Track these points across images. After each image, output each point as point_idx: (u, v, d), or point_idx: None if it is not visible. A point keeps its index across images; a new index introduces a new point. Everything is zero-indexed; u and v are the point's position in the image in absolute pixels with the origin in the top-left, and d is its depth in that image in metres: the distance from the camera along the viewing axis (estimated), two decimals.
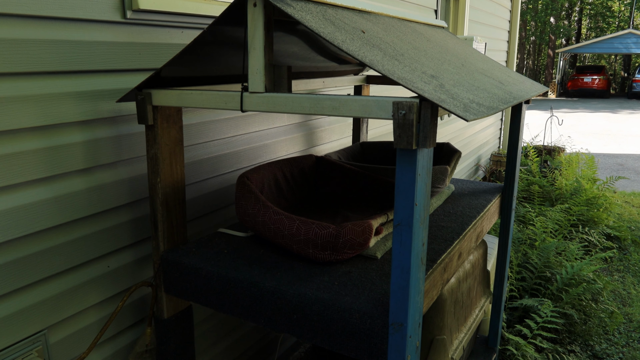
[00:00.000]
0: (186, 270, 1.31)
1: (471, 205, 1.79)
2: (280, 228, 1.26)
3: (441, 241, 1.44)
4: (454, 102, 0.96)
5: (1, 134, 1.12)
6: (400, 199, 0.94)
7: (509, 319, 2.72)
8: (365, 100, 0.95)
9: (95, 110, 1.30)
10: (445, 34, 1.98)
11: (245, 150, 1.86)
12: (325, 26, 1.04)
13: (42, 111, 1.19)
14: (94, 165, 1.33)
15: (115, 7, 1.30)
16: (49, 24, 1.17)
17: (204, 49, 1.25)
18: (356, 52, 0.96)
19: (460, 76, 1.30)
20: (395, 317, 1.01)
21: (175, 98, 1.22)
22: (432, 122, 0.90)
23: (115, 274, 1.42)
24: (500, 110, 1.12)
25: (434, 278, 1.28)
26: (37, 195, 1.21)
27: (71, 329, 1.32)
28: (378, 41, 1.18)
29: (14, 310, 1.19)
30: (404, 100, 0.90)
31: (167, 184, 1.34)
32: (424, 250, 1.02)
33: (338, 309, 1.08)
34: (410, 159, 0.92)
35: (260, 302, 1.19)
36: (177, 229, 1.40)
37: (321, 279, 1.19)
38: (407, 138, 0.89)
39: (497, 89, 1.39)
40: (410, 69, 1.07)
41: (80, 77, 1.26)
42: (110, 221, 1.39)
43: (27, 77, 1.15)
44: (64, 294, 1.29)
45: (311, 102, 1.01)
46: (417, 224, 0.96)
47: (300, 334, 1.15)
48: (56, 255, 1.26)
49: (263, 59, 1.06)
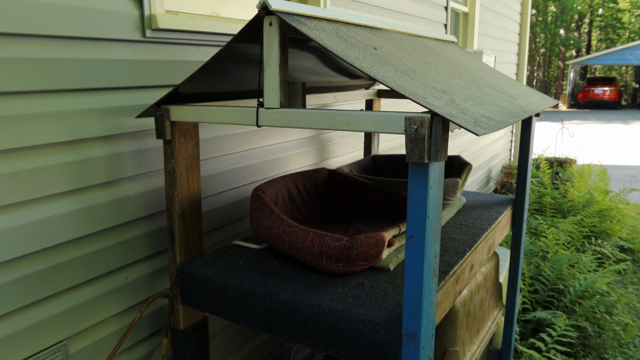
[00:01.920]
0: (202, 282, 1.33)
1: (482, 217, 1.80)
2: (295, 240, 1.28)
3: (453, 253, 1.46)
4: (465, 116, 0.99)
5: (29, 149, 1.17)
6: (413, 211, 0.97)
7: (522, 332, 2.71)
8: (378, 116, 0.98)
9: (116, 126, 1.35)
10: (455, 49, 2.01)
11: (259, 164, 1.90)
12: (339, 44, 1.07)
13: (66, 127, 1.23)
14: (115, 178, 1.37)
15: (135, 26, 1.35)
16: (73, 43, 1.22)
17: (220, 66, 1.29)
18: (369, 69, 1.00)
19: (470, 91, 1.33)
20: (408, 327, 1.02)
21: (193, 114, 1.26)
22: (443, 137, 0.93)
23: (134, 285, 1.45)
24: (511, 124, 1.14)
25: (446, 290, 1.29)
26: (61, 208, 1.25)
27: (91, 339, 1.35)
28: (389, 57, 1.21)
29: (37, 321, 1.22)
30: (416, 115, 0.92)
31: (184, 197, 1.37)
32: (436, 262, 1.04)
33: (352, 319, 1.10)
34: (422, 173, 0.94)
35: (275, 313, 1.22)
36: (194, 241, 1.43)
37: (335, 290, 1.21)
38: (419, 152, 0.92)
39: (507, 102, 1.41)
40: (422, 85, 1.10)
41: (103, 94, 1.30)
42: (130, 233, 1.43)
43: (53, 95, 1.20)
44: (85, 304, 1.33)
45: (325, 118, 1.04)
46: (430, 236, 0.98)
47: (315, 345, 1.17)
48: (78, 267, 1.30)
49: (278, 76, 1.10)
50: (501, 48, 5.11)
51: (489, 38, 4.66)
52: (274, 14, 1.05)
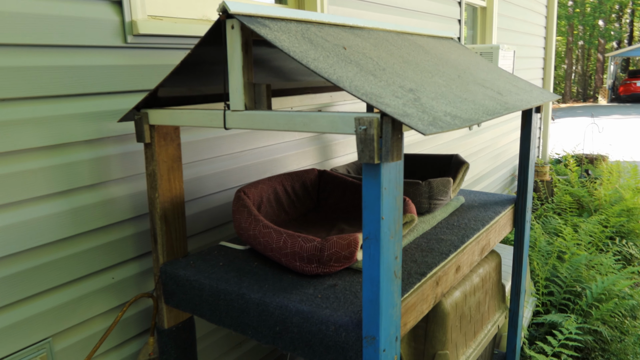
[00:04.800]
0: (182, 282, 1.36)
1: (478, 217, 1.76)
2: (269, 241, 1.29)
3: (437, 254, 1.43)
4: (423, 115, 0.97)
5: (12, 154, 1.21)
6: (367, 212, 0.95)
7: (534, 335, 2.63)
8: (332, 116, 0.97)
9: (100, 130, 1.38)
10: (452, 45, 1.97)
11: (253, 165, 1.91)
12: (300, 45, 1.07)
13: (49, 132, 1.27)
14: (101, 181, 1.41)
15: (116, 32, 1.38)
16: (53, 51, 1.26)
17: (196, 69, 1.31)
18: (325, 70, 0.99)
19: (448, 88, 1.30)
20: (367, 330, 1.01)
21: (169, 117, 1.28)
22: (394, 137, 0.91)
23: (120, 285, 1.49)
24: (481, 121, 1.11)
25: (423, 291, 1.27)
26: (45, 210, 1.29)
27: (76, 338, 1.39)
28: (359, 57, 1.20)
29: (21, 318, 1.27)
30: (365, 115, 0.91)
31: (165, 199, 1.40)
32: (397, 264, 1.02)
33: (316, 321, 1.10)
34: (375, 173, 0.93)
35: (247, 313, 1.22)
36: (177, 242, 1.45)
37: (305, 291, 1.21)
38: (369, 153, 0.91)
39: (490, 100, 1.38)
40: (386, 84, 1.08)
41: (85, 100, 1.34)
42: (116, 234, 1.46)
43: (34, 101, 1.24)
44: (70, 303, 1.37)
45: (285, 119, 1.04)
46: (386, 238, 0.96)
47: (283, 346, 1.17)
48: (63, 267, 1.34)
49: (242, 79, 1.10)
50: (524, 42, 4.96)
51: (510, 32, 4.53)
52: (234, 17, 1.06)
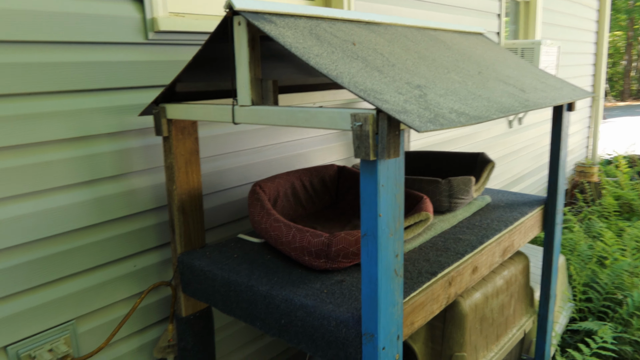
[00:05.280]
0: (197, 272, 1.40)
1: (502, 218, 1.71)
2: (279, 235, 1.31)
3: (452, 254, 1.40)
4: (424, 112, 0.95)
5: (39, 145, 1.29)
6: (365, 209, 0.95)
7: (568, 342, 2.53)
8: (332, 112, 0.97)
9: (122, 124, 1.44)
10: (479, 41, 1.92)
11: (277, 160, 1.94)
12: (305, 41, 1.07)
13: (74, 124, 1.34)
14: (123, 172, 1.47)
15: (137, 30, 1.43)
16: (78, 48, 1.33)
17: (210, 65, 1.34)
18: (325, 65, 0.99)
19: (462, 85, 1.27)
20: (366, 327, 1.01)
21: (184, 111, 1.32)
22: (391, 133, 0.90)
23: (142, 273, 1.55)
24: (490, 119, 1.08)
25: (432, 291, 1.25)
26: (71, 199, 1.36)
27: (98, 321, 1.46)
28: (368, 53, 1.19)
29: (47, 300, 1.34)
30: (361, 111, 0.91)
31: (183, 191, 1.44)
32: (397, 262, 1.01)
33: (318, 316, 1.11)
34: (371, 170, 0.92)
35: (255, 305, 1.25)
36: (195, 233, 1.50)
37: (312, 285, 1.22)
38: (364, 149, 0.90)
39: (509, 97, 1.33)
40: (391, 80, 1.07)
41: (107, 94, 1.40)
42: (138, 224, 1.52)
43: (59, 95, 1.31)
44: (93, 288, 1.44)
45: (287, 115, 1.05)
46: (384, 235, 0.96)
47: (288, 339, 1.19)
48: (87, 253, 1.41)
49: (248, 74, 1.12)
50: (572, 37, 4.75)
51: (556, 27, 4.35)
52: (239, 14, 1.08)
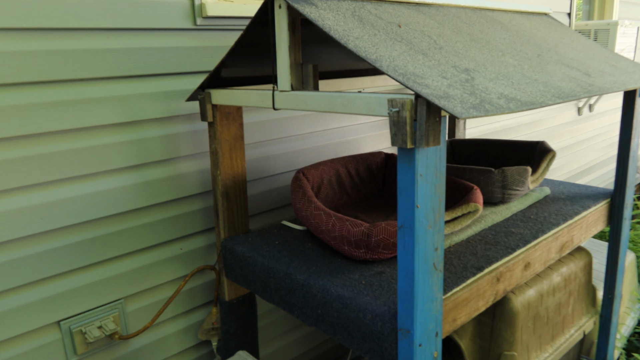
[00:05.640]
0: (239, 258, 1.41)
1: (560, 211, 1.60)
2: (319, 223, 1.28)
3: (502, 248, 1.33)
4: (468, 97, 0.89)
5: (89, 129, 1.33)
6: (402, 200, 0.91)
7: (636, 346, 2.35)
8: (369, 98, 0.93)
9: (170, 109, 1.47)
10: (543, 22, 1.79)
11: (324, 147, 1.91)
12: (345, 23, 1.03)
13: (123, 110, 1.38)
14: (171, 157, 1.49)
15: (186, 15, 1.44)
16: (127, 34, 1.35)
17: (253, 50, 1.32)
18: (364, 48, 0.95)
19: (517, 68, 1.18)
20: (402, 322, 0.97)
21: (227, 97, 1.32)
22: (430, 120, 0.85)
23: (188, 256, 1.58)
24: (545, 105, 1.00)
25: (478, 287, 1.19)
26: (120, 182, 1.41)
27: (146, 302, 1.51)
28: (414, 35, 1.13)
29: (97, 279, 1.40)
30: (398, 97, 0.86)
31: (227, 177, 1.45)
32: (437, 256, 0.96)
33: (354, 308, 1.08)
34: (409, 159, 0.87)
35: (293, 293, 1.24)
36: (238, 219, 1.50)
37: (351, 276, 1.19)
38: (402, 136, 0.86)
39: (570, 81, 1.23)
40: (436, 64, 1.01)
41: (156, 80, 1.43)
42: (185, 208, 1.55)
43: (111, 81, 1.35)
44: (141, 269, 1.48)
45: (326, 100, 1.02)
46: (422, 227, 0.91)
47: (325, 330, 1.17)
48: (135, 235, 1.46)
49: (288, 59, 1.10)
50: None
51: (637, 6, 4.00)
52: None
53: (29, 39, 1.20)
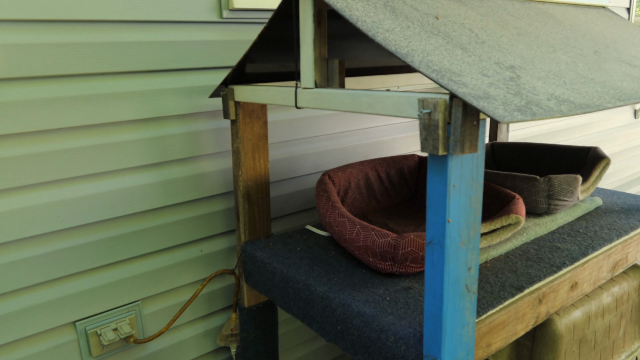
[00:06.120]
0: (258, 263, 1.33)
1: (614, 225, 1.45)
2: (342, 231, 1.19)
3: (546, 266, 1.20)
4: (512, 98, 0.78)
5: (109, 125, 1.29)
6: (432, 213, 0.80)
7: None
8: (397, 97, 0.83)
9: (192, 105, 1.40)
10: (601, 15, 1.63)
11: (354, 147, 1.81)
12: (376, 14, 0.93)
13: (144, 105, 1.32)
14: (193, 155, 1.44)
15: (212, 7, 1.38)
16: (150, 27, 1.30)
17: (278, 44, 1.24)
18: (394, 42, 0.85)
19: (571, 66, 1.05)
20: (428, 349, 0.87)
21: (250, 94, 1.24)
22: (467, 123, 0.74)
23: (208, 259, 1.52)
24: (603, 108, 0.87)
25: (517, 309, 1.07)
26: (140, 180, 1.36)
27: (164, 304, 1.46)
28: (453, 28, 1.02)
29: (114, 280, 1.36)
30: (430, 96, 0.76)
31: (249, 177, 1.37)
32: (470, 276, 0.85)
33: (376, 327, 0.98)
34: (440, 167, 0.77)
35: (312, 306, 1.15)
36: (260, 222, 1.43)
37: (375, 291, 1.09)
38: (433, 142, 0.75)
39: (632, 81, 1.09)
40: (477, 59, 0.90)
41: (179, 75, 1.37)
42: (206, 209, 1.49)
43: (131, 76, 1.30)
44: (159, 270, 1.43)
45: (351, 99, 0.93)
46: (454, 244, 0.80)
47: (345, 347, 1.08)
48: (153, 236, 1.41)
49: (313, 53, 1.01)
50: None
51: None
52: None
53: (49, 31, 1.16)
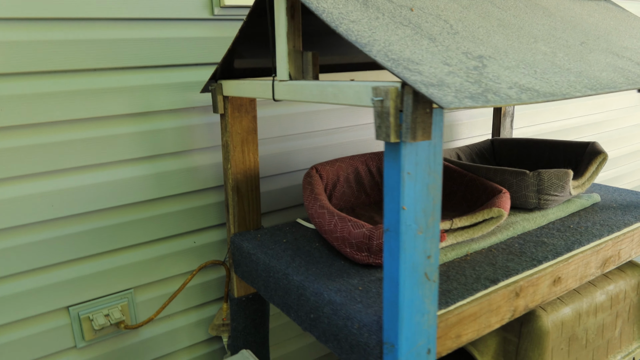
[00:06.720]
0: (245, 254, 1.36)
1: (607, 221, 1.42)
2: (322, 222, 1.21)
3: (527, 260, 1.19)
4: (470, 86, 0.78)
5: (104, 119, 1.34)
6: (388, 200, 0.81)
7: None
8: (358, 87, 0.84)
9: (185, 100, 1.44)
10: (599, 7, 1.60)
11: (351, 143, 1.83)
12: (345, 6, 0.95)
13: (136, 100, 1.37)
14: (184, 149, 1.48)
15: (203, 5, 1.42)
16: (143, 24, 1.34)
17: (261, 39, 1.27)
18: (357, 32, 0.86)
19: (549, 56, 1.04)
20: (387, 335, 0.88)
21: (235, 88, 1.27)
22: (418, 111, 0.75)
23: (201, 250, 1.56)
24: (571, 97, 0.86)
25: (490, 302, 1.06)
26: (133, 172, 1.40)
27: (156, 293, 1.50)
28: (427, 19, 1.02)
29: (107, 268, 1.41)
30: (382, 84, 0.77)
31: (238, 171, 1.40)
32: (430, 264, 0.86)
33: (344, 315, 0.99)
34: (394, 154, 0.78)
35: (289, 295, 1.17)
36: (250, 215, 1.46)
37: (349, 280, 1.11)
38: (385, 129, 0.76)
39: (614, 72, 1.07)
40: (443, 49, 0.91)
41: (171, 71, 1.41)
42: (199, 201, 1.53)
43: (125, 71, 1.35)
44: (153, 260, 1.48)
45: (318, 90, 0.94)
46: (410, 232, 0.81)
47: (318, 336, 1.10)
48: (146, 226, 1.45)
49: (287, 46, 1.03)
50: None
51: None
52: None
53: (42, 29, 1.22)
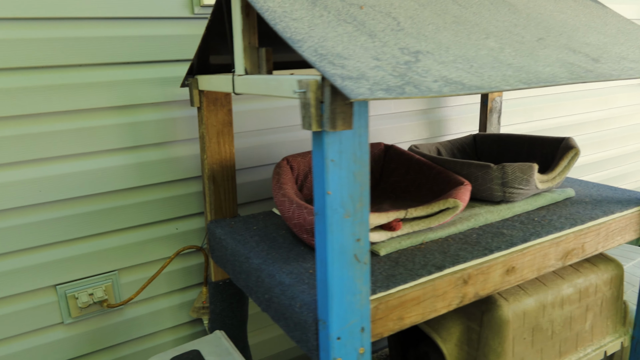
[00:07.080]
0: (217, 240, 1.44)
1: (574, 215, 1.44)
2: (283, 210, 1.27)
3: (480, 249, 1.23)
4: (391, 79, 0.83)
5: (88, 111, 1.43)
6: (316, 186, 0.87)
7: None
8: (290, 80, 0.91)
9: (166, 94, 1.53)
10: (576, 4, 1.61)
11: None
12: (291, 5, 1.01)
13: (119, 94, 1.46)
14: (167, 140, 1.56)
15: (184, 4, 1.50)
16: (126, 23, 1.43)
17: (223, 38, 1.34)
18: (293, 29, 0.92)
19: (493, 52, 1.08)
20: (320, 313, 0.94)
21: (208, 82, 1.35)
22: (338, 102, 0.81)
23: (183, 236, 1.65)
24: (499, 90, 0.91)
25: (435, 287, 1.11)
26: (116, 162, 1.50)
27: (140, 275, 1.59)
28: (374, 16, 1.08)
29: (93, 250, 1.51)
30: (304, 78, 0.83)
31: (214, 161, 1.48)
32: (360, 247, 0.91)
33: (290, 295, 1.06)
34: (319, 142, 0.84)
35: (249, 277, 1.24)
36: (226, 203, 1.54)
37: (303, 264, 1.17)
38: (308, 119, 0.82)
39: (561, 66, 1.10)
40: (379, 45, 0.96)
41: (153, 67, 1.50)
42: (180, 190, 1.61)
43: (108, 67, 1.44)
44: (136, 244, 1.57)
45: (264, 83, 1.01)
46: (336, 216, 0.87)
47: (272, 316, 1.16)
48: (130, 212, 1.55)
49: (242, 42, 1.10)
50: None
51: None
52: None
53: (30, 27, 1.32)
